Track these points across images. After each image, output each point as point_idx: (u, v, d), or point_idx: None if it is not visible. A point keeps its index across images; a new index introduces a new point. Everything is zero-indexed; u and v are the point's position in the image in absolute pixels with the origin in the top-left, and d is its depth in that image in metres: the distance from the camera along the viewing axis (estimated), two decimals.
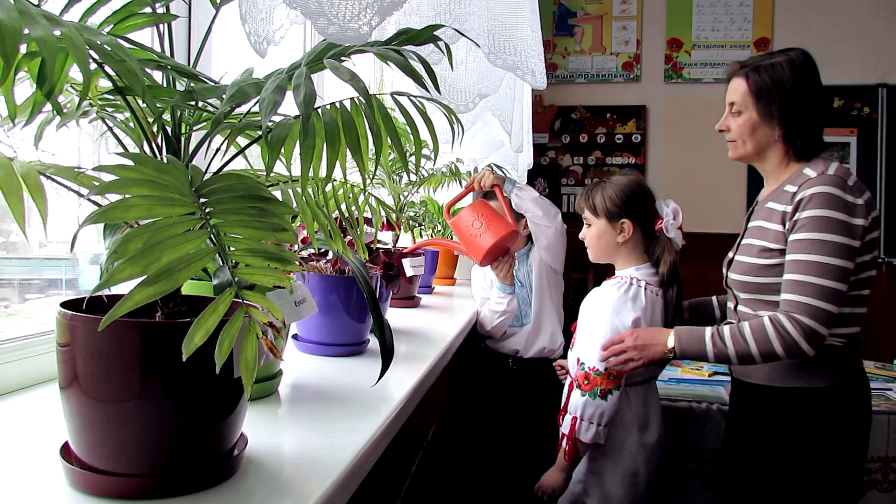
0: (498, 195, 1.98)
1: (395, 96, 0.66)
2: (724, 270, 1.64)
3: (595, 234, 1.74)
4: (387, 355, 0.81)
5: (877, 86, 3.92)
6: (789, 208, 1.43)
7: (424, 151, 1.93)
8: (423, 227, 2.51)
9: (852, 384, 1.49)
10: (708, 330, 1.46)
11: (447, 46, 0.65)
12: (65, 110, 0.63)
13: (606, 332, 1.59)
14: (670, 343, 1.49)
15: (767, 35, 4.06)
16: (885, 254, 3.82)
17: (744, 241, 1.57)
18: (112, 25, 0.61)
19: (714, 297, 1.86)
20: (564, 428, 1.59)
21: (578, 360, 1.64)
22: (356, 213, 0.88)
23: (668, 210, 1.68)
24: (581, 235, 1.81)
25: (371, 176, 0.71)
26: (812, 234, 1.38)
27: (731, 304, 1.64)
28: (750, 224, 1.58)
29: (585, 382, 1.58)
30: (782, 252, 1.44)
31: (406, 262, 1.76)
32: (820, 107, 1.51)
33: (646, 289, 1.65)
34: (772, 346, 1.37)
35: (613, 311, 1.61)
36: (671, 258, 1.67)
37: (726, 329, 1.43)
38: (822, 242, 1.37)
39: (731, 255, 1.63)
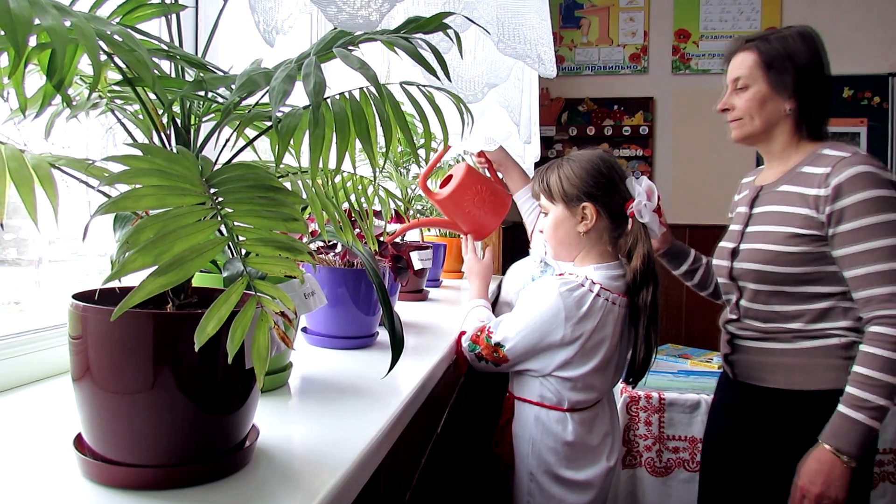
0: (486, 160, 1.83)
1: (405, 85, 0.66)
2: (726, 262, 1.49)
3: (552, 224, 1.43)
4: (397, 346, 0.81)
5: (887, 75, 3.88)
6: (823, 192, 1.31)
7: (433, 144, 1.92)
8: None
9: None
10: (841, 408, 1.26)
11: (457, 35, 0.64)
12: (74, 102, 0.63)
13: (529, 331, 1.34)
14: (843, 459, 1.25)
15: (776, 25, 4.02)
16: None
17: (754, 229, 1.44)
18: (121, 16, 0.61)
19: (692, 250, 1.72)
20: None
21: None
22: (365, 204, 0.87)
23: (640, 189, 1.36)
24: (539, 226, 1.52)
25: (381, 167, 0.70)
26: (869, 219, 1.27)
27: (731, 297, 1.50)
28: (756, 210, 1.46)
29: (477, 335, 1.40)
30: (814, 239, 1.33)
31: (414, 256, 1.76)
32: (830, 84, 1.43)
33: (599, 294, 1.33)
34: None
35: (545, 315, 1.33)
36: (645, 250, 1.35)
37: (854, 390, 1.25)
38: (882, 225, 1.26)
39: (732, 244, 1.49)
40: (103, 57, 0.54)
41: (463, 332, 1.45)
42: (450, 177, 1.79)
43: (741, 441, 1.51)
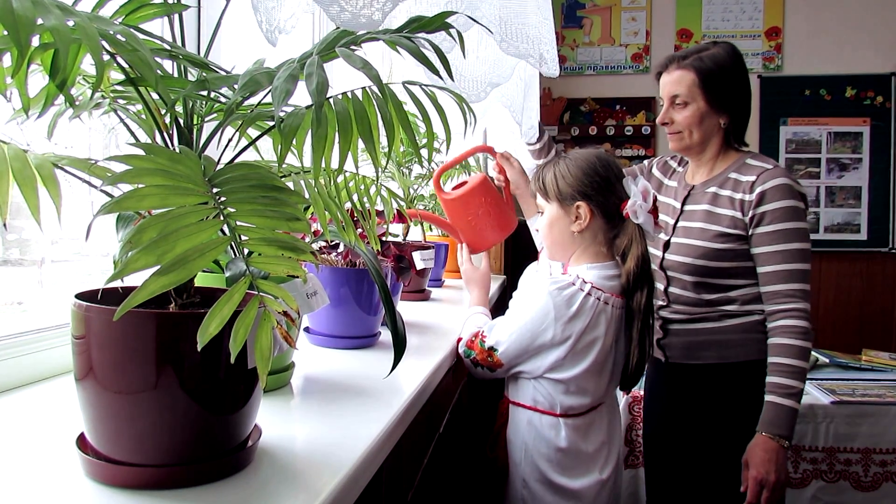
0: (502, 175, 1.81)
1: (407, 85, 0.66)
2: (658, 252, 1.60)
3: (547, 222, 1.40)
4: (399, 346, 0.81)
5: (890, 75, 3.87)
6: (748, 196, 1.49)
7: (435, 144, 1.91)
8: None
9: None
10: (772, 398, 1.42)
11: (459, 34, 0.64)
12: (77, 102, 0.63)
13: (521, 333, 1.32)
14: (783, 444, 1.41)
15: (778, 24, 4.02)
16: None
17: (685, 224, 1.58)
18: (124, 16, 0.61)
19: None
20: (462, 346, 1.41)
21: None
22: (368, 204, 0.87)
23: (636, 189, 1.32)
24: (535, 226, 1.52)
25: (383, 167, 0.70)
26: (784, 224, 1.46)
27: (660, 286, 1.62)
28: (688, 207, 1.60)
29: (472, 340, 1.38)
30: (738, 238, 1.51)
31: (416, 255, 1.76)
32: (751, 97, 1.61)
33: (590, 293, 1.29)
34: (806, 349, 1.43)
35: (536, 316, 1.30)
36: (640, 251, 1.32)
37: (780, 379, 1.42)
38: (793, 230, 1.46)
39: (664, 237, 1.61)
40: (106, 57, 0.54)
41: (460, 339, 1.43)
42: (464, 182, 1.80)
43: (680, 424, 1.63)
